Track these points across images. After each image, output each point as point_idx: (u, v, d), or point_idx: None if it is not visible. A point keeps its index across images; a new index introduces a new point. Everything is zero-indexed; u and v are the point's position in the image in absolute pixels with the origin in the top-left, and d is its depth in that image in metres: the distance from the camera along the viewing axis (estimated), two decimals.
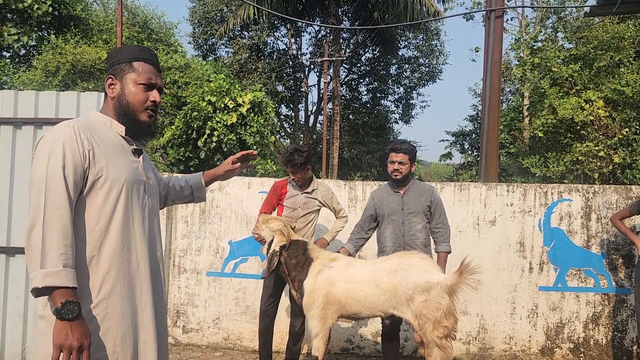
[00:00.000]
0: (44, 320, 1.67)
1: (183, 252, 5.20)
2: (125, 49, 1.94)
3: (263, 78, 20.79)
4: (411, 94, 24.67)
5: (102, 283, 1.71)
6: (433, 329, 3.22)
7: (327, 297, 3.42)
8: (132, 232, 1.81)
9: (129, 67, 1.88)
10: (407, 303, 3.29)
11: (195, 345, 5.15)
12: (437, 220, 3.92)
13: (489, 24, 5.39)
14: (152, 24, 14.39)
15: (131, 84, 1.87)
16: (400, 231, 3.90)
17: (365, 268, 3.50)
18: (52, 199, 1.62)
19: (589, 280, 4.91)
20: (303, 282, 3.54)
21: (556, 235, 4.95)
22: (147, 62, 1.91)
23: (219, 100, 10.83)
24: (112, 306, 1.72)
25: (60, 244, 1.59)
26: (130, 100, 1.86)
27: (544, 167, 12.16)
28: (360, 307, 3.40)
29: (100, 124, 1.86)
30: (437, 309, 3.22)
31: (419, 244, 3.87)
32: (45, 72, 11.49)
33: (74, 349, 1.56)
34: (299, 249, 3.63)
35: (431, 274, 3.31)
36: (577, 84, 11.77)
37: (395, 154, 3.91)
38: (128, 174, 1.81)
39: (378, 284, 3.36)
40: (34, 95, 4.02)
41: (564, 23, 13.89)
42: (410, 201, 3.91)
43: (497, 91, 5.37)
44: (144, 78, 1.88)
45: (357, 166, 22.58)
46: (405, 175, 3.91)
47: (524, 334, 4.94)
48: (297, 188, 4.22)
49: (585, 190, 4.98)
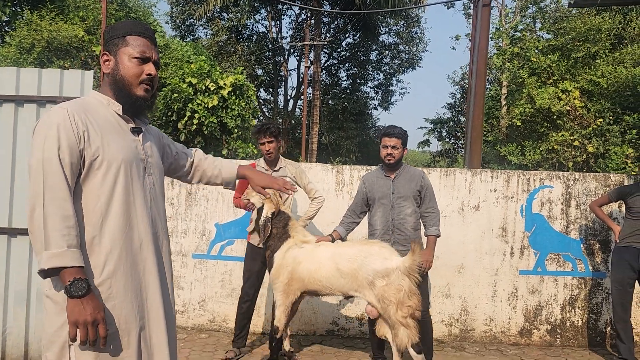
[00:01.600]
0: (50, 300, 1.68)
1: (169, 234, 5.16)
2: (119, 25, 1.90)
3: (242, 61, 20.55)
4: (391, 81, 24.78)
5: (105, 263, 1.71)
6: (397, 309, 3.45)
7: (291, 274, 3.77)
8: (133, 211, 1.79)
9: (122, 42, 1.84)
10: (369, 287, 3.56)
11: (180, 327, 5.15)
12: (426, 205, 3.97)
13: (477, 12, 5.44)
14: (130, 2, 14.05)
15: (125, 58, 1.83)
16: (390, 215, 3.96)
17: (329, 251, 3.76)
18: (50, 182, 1.63)
19: (567, 265, 5.07)
20: (274, 254, 3.87)
21: (537, 220, 5.09)
22: (140, 35, 1.86)
23: (199, 82, 10.70)
24: (116, 285, 1.72)
25: (62, 225, 1.60)
26: (124, 74, 1.82)
27: (521, 156, 12.41)
28: (320, 286, 3.74)
29: (97, 104, 1.84)
30: (399, 290, 3.45)
31: (408, 227, 3.93)
32: (19, 49, 11.14)
33: (89, 324, 1.59)
34: (281, 221, 3.91)
35: (389, 260, 3.54)
36: (555, 74, 12.01)
37: (388, 138, 3.95)
38: (126, 153, 1.79)
39: (338, 267, 3.64)
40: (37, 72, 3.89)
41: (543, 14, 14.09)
42: (400, 185, 3.97)
43: (483, 79, 5.45)
44: (138, 51, 1.83)
45: (335, 151, 22.63)
46: (398, 159, 3.97)
47: (504, 316, 5.09)
48: (266, 169, 4.24)
49: (566, 178, 5.12)
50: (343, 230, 4.14)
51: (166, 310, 1.87)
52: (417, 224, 4.00)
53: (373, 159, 21.95)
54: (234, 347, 4.35)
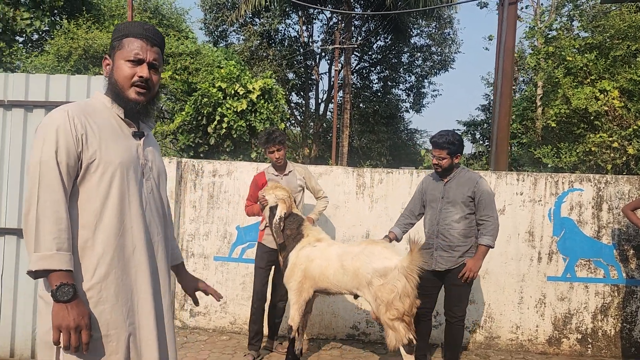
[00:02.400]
0: (42, 300, 1.70)
1: (191, 236, 5.22)
2: (120, 27, 1.90)
3: (274, 65, 20.71)
4: (422, 83, 24.49)
5: (97, 266, 1.71)
6: (386, 310, 3.49)
7: (304, 272, 3.83)
8: (127, 215, 1.78)
9: (119, 45, 1.84)
10: (367, 286, 3.59)
11: (202, 329, 5.19)
12: (481, 213, 3.78)
13: (503, 10, 5.29)
14: (163, 10, 14.36)
15: (120, 61, 1.83)
16: (436, 219, 3.90)
17: (339, 249, 3.82)
18: (46, 184, 1.64)
19: (598, 271, 4.86)
20: (289, 254, 3.93)
21: (566, 225, 4.90)
22: (136, 37, 1.84)
23: (229, 87, 10.80)
24: (106, 290, 1.71)
25: (54, 228, 1.61)
26: (117, 77, 1.82)
27: (556, 158, 12.03)
28: (329, 284, 3.79)
29: (100, 106, 1.84)
30: (391, 291, 3.47)
31: (455, 234, 3.80)
32: (57, 57, 11.53)
33: (71, 329, 1.59)
34: (295, 222, 3.98)
35: (389, 260, 3.55)
36: (592, 73, 11.58)
37: (433, 148, 3.88)
38: (124, 156, 1.79)
39: (343, 264, 3.69)
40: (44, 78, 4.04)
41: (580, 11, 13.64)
42: (451, 190, 3.86)
43: (509, 79, 5.29)
44: (131, 53, 1.81)
45: (366, 155, 22.50)
46: (446, 168, 3.86)
47: (531, 324, 4.91)
48: (275, 175, 4.35)
49: (597, 180, 4.91)
50: (399, 230, 4.09)
51: (158, 316, 1.84)
52: (469, 231, 3.82)
53: (405, 162, 21.72)
54: (250, 349, 4.37)
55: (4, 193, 3.99)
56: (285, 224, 3.95)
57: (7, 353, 4.04)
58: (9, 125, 4.01)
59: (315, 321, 5.06)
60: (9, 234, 3.97)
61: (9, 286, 3.99)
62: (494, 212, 3.78)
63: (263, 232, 4.37)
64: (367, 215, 5.04)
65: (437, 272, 3.88)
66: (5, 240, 3.99)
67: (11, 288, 3.99)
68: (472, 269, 3.73)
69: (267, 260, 4.37)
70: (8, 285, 3.99)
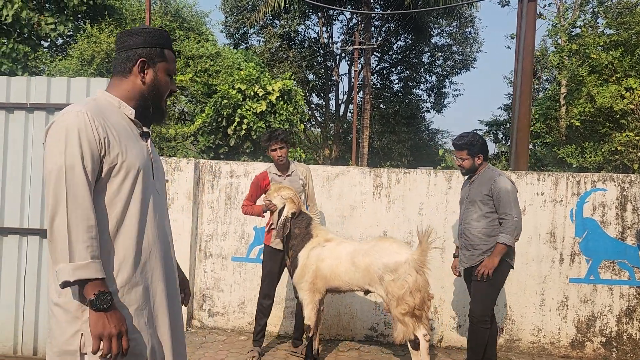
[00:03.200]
0: (60, 308, 1.66)
1: (209, 237, 5.25)
2: (156, 34, 1.87)
3: (294, 67, 20.76)
4: (444, 83, 24.29)
5: (119, 271, 1.69)
6: (397, 305, 3.53)
7: (315, 272, 3.85)
8: (145, 219, 1.77)
9: (161, 55, 1.85)
10: (379, 281, 3.65)
11: (220, 329, 5.22)
12: (499, 211, 3.73)
13: (522, 7, 5.21)
14: (183, 13, 14.53)
15: (163, 72, 1.85)
16: (461, 219, 3.97)
17: (350, 247, 3.86)
18: (73, 191, 1.59)
19: (623, 273, 4.74)
20: (298, 254, 3.92)
21: (589, 225, 4.79)
22: (170, 49, 1.89)
23: (248, 89, 10.87)
24: (128, 294, 1.70)
25: (86, 237, 1.58)
26: (160, 88, 1.86)
27: (581, 158, 11.79)
28: (340, 282, 3.81)
29: (109, 106, 1.79)
30: (402, 287, 3.50)
31: (475, 232, 3.79)
32: (80, 61, 11.75)
33: (113, 337, 1.58)
34: (303, 222, 3.97)
35: (399, 255, 3.60)
36: (618, 71, 11.32)
37: (455, 150, 3.93)
38: (141, 159, 1.77)
39: (354, 261, 3.74)
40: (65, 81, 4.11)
41: (605, 8, 13.35)
42: (473, 190, 3.88)
43: (529, 77, 5.19)
44: (173, 69, 1.88)
45: (387, 155, 22.40)
46: (469, 168, 3.88)
47: (553, 327, 4.81)
48: (278, 175, 4.34)
49: (620, 180, 4.79)
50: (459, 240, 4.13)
51: (172, 319, 1.85)
52: (491, 229, 3.77)
53: (425, 163, 21.53)
54: (255, 345, 4.46)
55: (26, 194, 4.07)
56: (293, 223, 3.93)
57: (30, 351, 4.12)
58: (32, 128, 4.09)
59: (333, 322, 5.05)
60: (32, 234, 4.04)
61: (32, 286, 4.06)
62: (513, 210, 3.70)
63: (270, 234, 4.38)
64: (384, 215, 5.00)
65: (466, 272, 3.94)
66: (28, 241, 4.07)
67: (34, 288, 4.06)
68: (487, 265, 3.69)
69: (278, 264, 4.38)
70: (31, 285, 4.06)
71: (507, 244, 3.69)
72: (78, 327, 1.63)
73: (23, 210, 4.07)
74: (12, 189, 4.06)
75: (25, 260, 4.08)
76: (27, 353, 4.11)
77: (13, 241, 4.07)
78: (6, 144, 4.08)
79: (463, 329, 4.90)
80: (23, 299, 4.08)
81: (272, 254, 4.39)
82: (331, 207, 5.04)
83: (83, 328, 1.62)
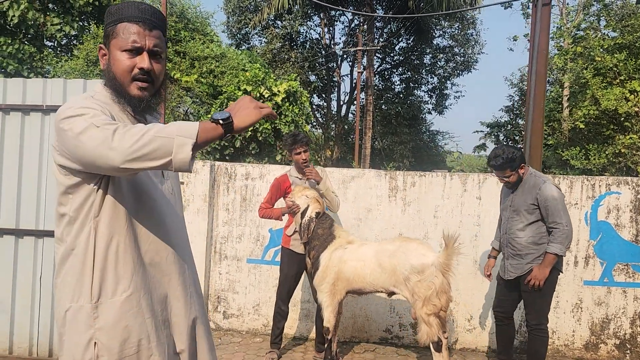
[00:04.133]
0: (72, 314, 1.53)
1: (224, 239, 5.27)
2: (112, 10, 1.60)
3: (296, 68, 20.80)
4: (445, 84, 24.34)
5: (132, 275, 1.56)
6: (423, 305, 3.56)
7: (337, 275, 3.85)
8: (158, 220, 1.63)
9: (113, 31, 1.56)
10: (404, 282, 3.66)
11: (235, 331, 5.24)
12: (549, 220, 3.64)
13: (536, 12, 5.25)
14: (188, 14, 14.54)
15: (115, 51, 1.56)
16: (504, 228, 3.90)
17: (373, 249, 3.87)
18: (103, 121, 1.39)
19: (637, 276, 4.77)
20: (320, 255, 3.92)
21: (603, 228, 4.82)
22: (132, 21, 1.55)
23: (254, 90, 10.91)
24: (144, 299, 1.58)
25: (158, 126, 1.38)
26: (115, 71, 1.56)
27: (585, 160, 11.86)
28: (364, 283, 3.82)
29: (109, 101, 1.60)
30: (429, 288, 3.54)
31: (521, 242, 3.74)
32: (86, 61, 11.75)
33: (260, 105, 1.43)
34: (327, 222, 4.00)
35: (425, 257, 3.62)
36: (622, 74, 11.40)
37: (495, 170, 3.82)
38: None
39: (380, 263, 3.74)
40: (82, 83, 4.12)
41: (609, 11, 13.42)
42: (517, 198, 3.80)
43: (543, 80, 5.23)
44: (127, 42, 1.54)
45: (389, 156, 22.45)
46: (515, 182, 3.79)
47: (568, 329, 4.85)
48: (299, 178, 4.35)
49: (635, 183, 4.83)
50: (497, 243, 4.10)
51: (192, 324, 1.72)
52: (538, 238, 3.71)
53: (427, 164, 21.59)
54: (273, 348, 4.48)
55: (42, 196, 4.08)
56: (317, 223, 3.95)
57: (45, 353, 4.13)
58: (47, 130, 4.10)
59: (349, 324, 5.07)
60: (48, 236, 4.05)
61: (47, 288, 4.06)
62: (563, 218, 3.60)
63: (290, 237, 4.37)
64: (400, 218, 5.03)
65: (511, 281, 3.85)
66: (44, 243, 4.07)
67: (49, 290, 4.06)
68: (537, 276, 3.62)
69: (297, 267, 4.38)
70: (46, 287, 4.07)
71: (558, 254, 3.62)
72: (91, 335, 1.51)
73: (39, 212, 4.08)
74: (28, 191, 4.08)
75: (41, 262, 4.09)
76: (42, 355, 4.12)
77: (29, 243, 4.08)
78: (22, 146, 4.09)
79: (477, 332, 4.93)
80: (38, 300, 4.09)
81: (291, 257, 4.39)
82: (347, 209, 5.06)
83: (97, 336, 1.51)
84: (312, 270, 4.02)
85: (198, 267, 5.16)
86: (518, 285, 3.86)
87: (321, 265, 3.92)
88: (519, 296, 3.92)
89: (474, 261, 4.91)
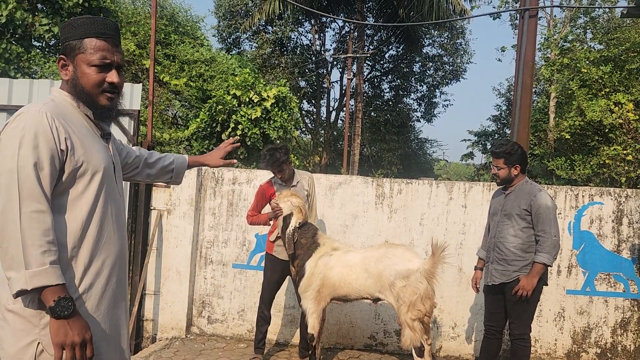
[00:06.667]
0: (14, 315, 1.55)
1: (210, 243, 5.25)
2: (76, 22, 1.68)
3: (286, 73, 20.82)
4: (434, 93, 24.50)
5: (83, 277, 1.62)
6: (407, 310, 3.59)
7: (323, 281, 3.86)
8: (108, 222, 1.70)
9: (80, 46, 1.65)
10: (389, 288, 3.68)
11: (219, 336, 5.21)
12: (537, 228, 3.63)
13: (523, 23, 5.32)
14: (179, 17, 14.51)
15: (83, 65, 1.66)
16: (493, 232, 3.86)
17: (359, 255, 3.90)
18: (27, 193, 1.49)
19: (618, 285, 4.84)
20: (305, 263, 3.93)
21: (586, 238, 4.89)
22: (99, 37, 1.66)
23: (243, 95, 10.89)
24: (90, 301, 1.64)
25: (43, 241, 1.47)
26: (84, 84, 1.67)
27: (570, 170, 11.99)
28: (350, 289, 3.83)
29: (68, 106, 1.70)
30: (414, 293, 3.58)
31: (510, 247, 3.70)
32: None
33: (76, 345, 1.49)
34: (309, 231, 4.00)
35: (411, 262, 3.67)
36: (607, 86, 11.57)
37: (492, 157, 3.84)
38: (105, 160, 1.70)
39: (367, 268, 3.77)
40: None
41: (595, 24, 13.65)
42: (509, 203, 3.77)
43: (529, 91, 5.30)
44: (97, 58, 1.65)
45: (377, 163, 22.52)
46: (504, 178, 3.77)
47: (550, 337, 4.89)
48: (283, 185, 4.33)
49: (617, 194, 4.90)
50: (483, 253, 4.04)
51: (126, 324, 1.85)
52: (528, 245, 3.68)
53: (415, 172, 21.71)
54: (257, 353, 4.48)
55: None
56: (300, 233, 3.95)
57: None
58: None
59: (333, 330, 5.07)
60: None
61: None
62: (552, 228, 3.60)
63: (273, 243, 4.37)
64: (386, 225, 5.05)
65: (495, 287, 3.80)
66: None
67: None
68: (526, 286, 3.58)
69: (280, 273, 4.39)
70: None
71: (546, 264, 3.61)
72: (34, 336, 1.53)
73: None
74: None
75: None
76: None
77: None
78: None
79: (461, 339, 4.96)
80: None
81: (274, 263, 4.39)
82: (333, 215, 5.08)
83: (41, 336, 1.53)
84: (297, 278, 4.03)
85: (183, 271, 5.13)
86: (502, 294, 3.84)
87: (306, 272, 3.92)
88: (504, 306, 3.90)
89: (459, 269, 4.94)
